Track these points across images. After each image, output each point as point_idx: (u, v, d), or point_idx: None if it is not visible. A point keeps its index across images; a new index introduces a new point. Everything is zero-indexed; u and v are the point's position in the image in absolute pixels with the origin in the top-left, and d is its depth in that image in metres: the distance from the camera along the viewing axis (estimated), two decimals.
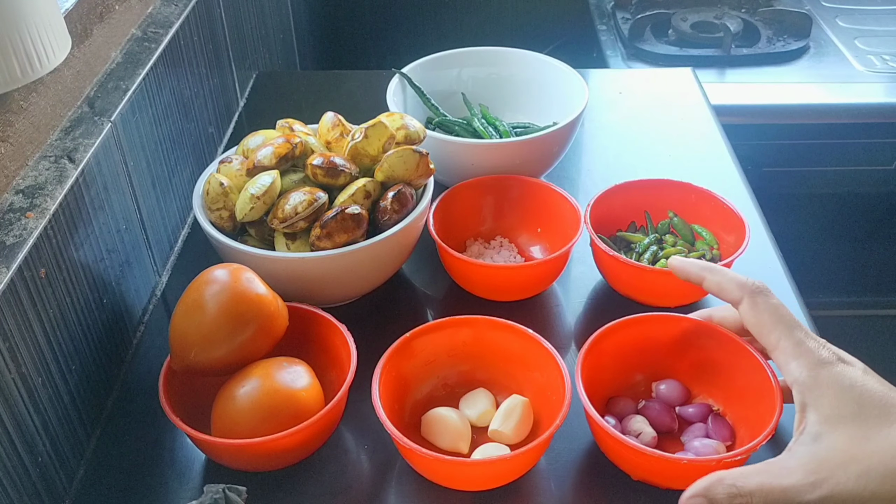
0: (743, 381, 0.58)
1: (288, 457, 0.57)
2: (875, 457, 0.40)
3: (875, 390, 0.43)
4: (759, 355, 0.56)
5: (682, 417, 0.60)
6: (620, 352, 0.61)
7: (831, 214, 1.35)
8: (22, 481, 0.51)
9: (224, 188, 0.66)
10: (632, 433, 0.58)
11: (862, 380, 0.43)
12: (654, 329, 0.61)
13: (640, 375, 0.63)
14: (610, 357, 0.60)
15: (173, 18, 0.80)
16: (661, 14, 1.45)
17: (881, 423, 0.41)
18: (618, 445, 0.54)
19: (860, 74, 1.30)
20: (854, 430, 0.41)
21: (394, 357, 0.58)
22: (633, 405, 0.61)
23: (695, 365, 0.61)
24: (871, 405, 0.42)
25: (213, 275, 0.58)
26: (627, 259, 0.69)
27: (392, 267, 0.70)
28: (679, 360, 0.62)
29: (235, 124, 0.98)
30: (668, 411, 0.60)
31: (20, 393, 0.51)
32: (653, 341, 0.61)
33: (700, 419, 0.60)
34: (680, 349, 0.61)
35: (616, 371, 0.61)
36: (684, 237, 0.74)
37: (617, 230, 0.76)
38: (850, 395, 0.42)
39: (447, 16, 1.69)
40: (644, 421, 0.59)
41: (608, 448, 0.57)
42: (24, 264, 0.51)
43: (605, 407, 0.61)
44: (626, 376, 0.62)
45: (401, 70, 0.87)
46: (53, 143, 0.61)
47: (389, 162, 0.66)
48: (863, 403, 0.42)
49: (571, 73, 0.86)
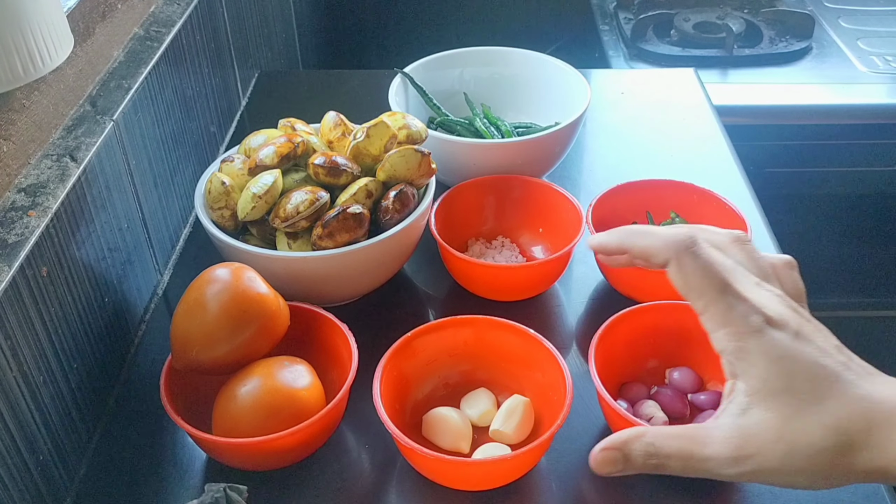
0: None
1: (289, 456, 0.57)
2: (803, 437, 0.38)
3: (806, 360, 0.39)
4: None
5: (694, 404, 0.61)
6: (634, 338, 0.61)
7: (833, 215, 1.35)
8: (23, 479, 0.51)
9: (226, 187, 0.66)
10: (643, 417, 0.59)
11: (792, 349, 0.39)
12: (668, 317, 0.62)
13: (654, 362, 0.63)
14: (624, 343, 0.61)
15: (176, 17, 0.80)
16: (663, 14, 1.45)
17: (811, 400, 0.38)
18: (627, 426, 0.54)
19: (863, 75, 1.30)
20: (783, 406, 0.38)
21: (395, 357, 0.58)
22: (645, 391, 0.62)
23: (708, 353, 0.61)
24: (801, 378, 0.38)
25: (215, 274, 0.58)
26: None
27: (393, 267, 0.70)
28: (693, 348, 0.62)
29: (237, 123, 0.98)
30: (680, 398, 0.61)
31: (22, 391, 0.51)
32: (667, 329, 0.62)
33: (712, 406, 0.60)
34: (694, 337, 0.62)
35: (630, 357, 0.62)
36: None
37: None
38: (778, 367, 0.39)
39: (449, 15, 1.69)
40: (656, 406, 0.60)
41: (618, 429, 0.57)
42: (25, 263, 0.51)
43: (617, 392, 0.62)
44: (639, 363, 0.63)
45: (403, 69, 0.87)
46: (55, 141, 0.61)
47: (391, 161, 0.66)
48: (793, 376, 0.39)
49: (573, 73, 0.86)
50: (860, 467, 0.37)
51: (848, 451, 0.37)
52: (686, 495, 0.57)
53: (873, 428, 0.37)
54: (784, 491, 0.56)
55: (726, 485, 0.57)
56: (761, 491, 0.57)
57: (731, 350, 0.40)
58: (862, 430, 0.37)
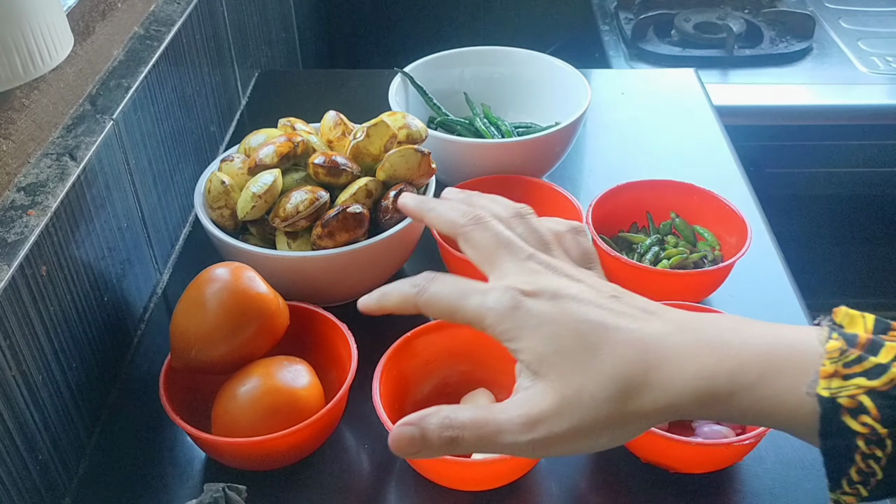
0: None
1: (288, 456, 0.57)
2: (584, 392, 0.37)
3: (568, 319, 0.39)
4: None
5: None
6: None
7: (833, 216, 1.35)
8: (22, 479, 0.51)
9: (226, 187, 0.66)
10: None
11: (551, 313, 0.39)
12: None
13: None
14: None
15: (175, 16, 0.80)
16: (663, 14, 1.45)
17: (583, 354, 0.38)
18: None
19: (863, 76, 1.30)
20: (557, 368, 0.38)
21: (394, 356, 0.58)
22: None
23: None
24: (567, 337, 0.38)
25: (215, 273, 0.58)
26: (629, 259, 0.69)
27: (393, 266, 0.70)
28: None
29: (237, 123, 0.98)
30: None
31: (21, 391, 0.51)
32: None
33: None
34: None
35: None
36: (686, 238, 0.74)
37: (619, 231, 0.76)
38: (542, 333, 0.39)
39: (450, 15, 1.69)
40: None
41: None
42: (25, 262, 0.51)
43: None
44: None
45: (403, 69, 0.86)
46: (55, 140, 0.61)
47: (391, 161, 0.66)
48: (558, 338, 0.39)
49: (574, 73, 0.86)
50: (649, 409, 0.37)
51: (632, 395, 0.37)
52: (686, 496, 0.56)
53: (650, 369, 0.37)
54: (784, 491, 0.56)
55: (726, 485, 0.57)
56: (761, 491, 0.57)
57: (501, 333, 0.40)
58: (639, 373, 0.37)
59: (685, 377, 0.36)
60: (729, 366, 0.36)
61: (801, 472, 0.57)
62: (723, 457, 0.56)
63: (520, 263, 0.42)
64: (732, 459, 0.57)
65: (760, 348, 0.36)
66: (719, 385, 0.36)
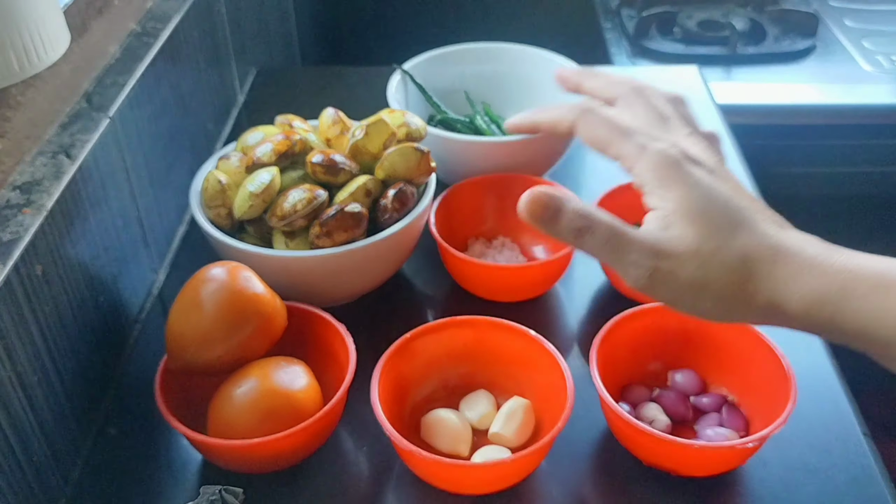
0: (758, 372, 0.58)
1: (285, 458, 0.56)
2: (717, 255, 0.40)
3: (721, 195, 0.42)
4: (775, 347, 0.57)
5: (697, 407, 0.61)
6: (636, 340, 0.61)
7: (837, 216, 1.34)
8: (17, 481, 0.51)
9: (222, 185, 0.65)
10: (645, 420, 0.58)
11: (709, 182, 0.42)
12: (670, 318, 0.61)
13: (656, 364, 0.63)
14: (626, 345, 0.60)
15: (172, 13, 0.79)
16: (666, 12, 1.44)
17: (725, 227, 0.41)
18: (629, 430, 0.55)
19: (868, 75, 1.29)
20: (700, 226, 0.41)
21: (393, 358, 0.58)
22: (647, 393, 0.61)
23: (711, 355, 0.62)
24: (716, 208, 0.41)
25: (211, 273, 0.57)
26: None
27: (392, 266, 0.69)
28: (696, 350, 0.62)
29: (234, 120, 0.97)
30: (682, 400, 0.60)
31: (15, 392, 0.51)
32: (669, 331, 0.62)
33: (714, 409, 0.60)
34: (697, 339, 0.62)
35: (632, 359, 0.61)
36: None
37: None
38: (696, 193, 0.42)
39: (450, 12, 1.68)
40: (658, 408, 0.59)
41: (620, 433, 0.57)
42: (20, 261, 0.51)
43: (619, 394, 0.61)
44: (641, 364, 0.62)
45: (402, 66, 0.86)
46: (51, 138, 0.60)
47: (390, 160, 0.65)
48: (710, 203, 0.41)
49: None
50: (760, 299, 0.40)
51: (752, 279, 0.40)
52: (689, 500, 0.56)
53: (778, 262, 0.40)
54: (785, 491, 0.56)
55: (729, 489, 0.57)
56: (765, 495, 0.56)
57: (651, 178, 0.43)
58: (767, 261, 0.40)
59: (801, 282, 0.39)
60: (843, 279, 0.39)
61: (804, 476, 0.57)
62: (726, 460, 0.55)
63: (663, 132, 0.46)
64: (735, 462, 0.56)
65: (878, 267, 0.39)
66: (831, 293, 0.39)
